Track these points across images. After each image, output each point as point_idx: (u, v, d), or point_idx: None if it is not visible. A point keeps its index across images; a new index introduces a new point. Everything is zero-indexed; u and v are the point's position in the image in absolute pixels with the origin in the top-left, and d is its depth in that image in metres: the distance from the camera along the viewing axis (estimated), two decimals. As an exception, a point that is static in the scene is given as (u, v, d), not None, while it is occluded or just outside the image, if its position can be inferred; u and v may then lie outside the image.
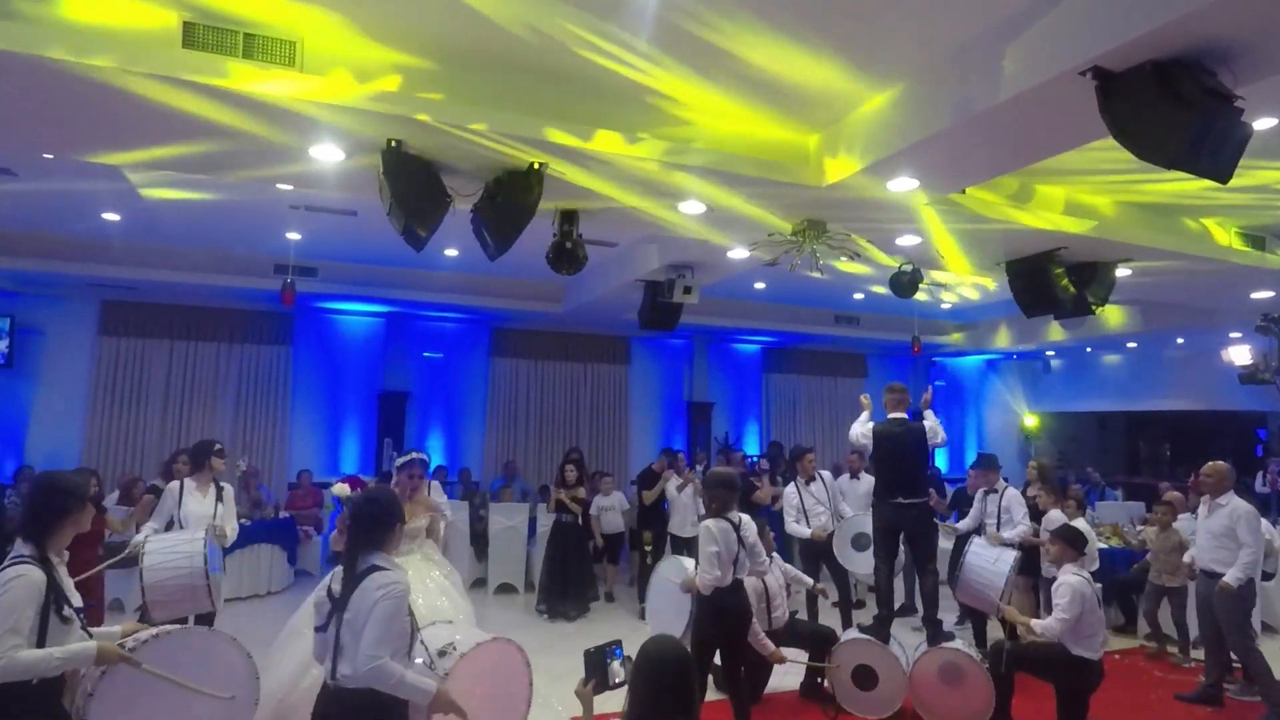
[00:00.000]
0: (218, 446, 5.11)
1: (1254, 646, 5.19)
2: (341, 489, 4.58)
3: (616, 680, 2.62)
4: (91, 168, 5.54)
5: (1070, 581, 4.45)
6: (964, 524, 6.50)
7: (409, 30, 3.84)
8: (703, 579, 4.12)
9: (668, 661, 2.32)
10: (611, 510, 8.25)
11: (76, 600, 2.64)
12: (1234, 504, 5.31)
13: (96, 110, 3.92)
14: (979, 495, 6.41)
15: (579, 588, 7.49)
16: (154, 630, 3.09)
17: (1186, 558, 5.83)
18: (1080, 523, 6.66)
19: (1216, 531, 5.30)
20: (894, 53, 3.98)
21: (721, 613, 4.11)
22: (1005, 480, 6.39)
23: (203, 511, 4.87)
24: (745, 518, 4.31)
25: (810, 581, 5.55)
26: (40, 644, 2.43)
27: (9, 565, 2.49)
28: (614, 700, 2.71)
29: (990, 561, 5.06)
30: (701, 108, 4.64)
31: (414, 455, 4.69)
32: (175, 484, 4.97)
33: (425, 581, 4.34)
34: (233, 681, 3.11)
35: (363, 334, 11.15)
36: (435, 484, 5.55)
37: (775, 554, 5.36)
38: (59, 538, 2.63)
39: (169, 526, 4.82)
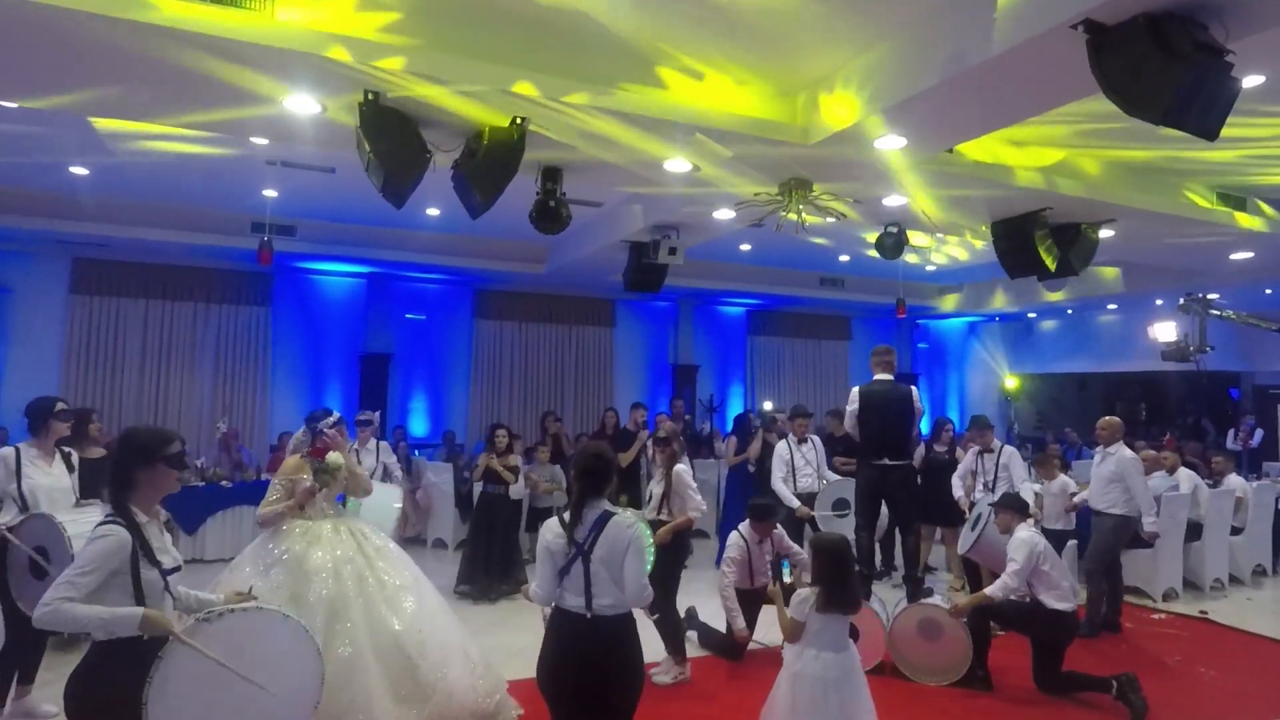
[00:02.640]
0: (60, 406, 4.17)
1: (1098, 573, 5.89)
2: (335, 459, 4.08)
3: (787, 580, 4.55)
4: (57, 117, 5.36)
5: (1021, 536, 4.63)
6: (954, 481, 6.59)
7: (385, -24, 3.71)
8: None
9: (833, 546, 3.44)
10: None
11: (171, 561, 2.51)
12: (1121, 453, 5.90)
13: (60, 55, 3.77)
14: (971, 454, 6.47)
15: (504, 567, 6.68)
16: (245, 604, 2.69)
17: (1077, 499, 6.33)
18: (1063, 480, 6.81)
19: (1106, 477, 5.89)
20: (884, 6, 3.90)
21: None
22: (999, 440, 6.47)
23: (52, 484, 4.06)
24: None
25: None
26: (139, 604, 2.34)
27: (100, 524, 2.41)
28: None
29: None
30: (688, 63, 4.54)
31: (339, 415, 4.42)
32: (8, 451, 4.02)
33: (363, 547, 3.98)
34: (289, 677, 2.64)
35: (343, 295, 11.00)
36: (384, 445, 5.42)
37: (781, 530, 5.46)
38: (139, 496, 2.49)
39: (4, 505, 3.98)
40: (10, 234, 8.30)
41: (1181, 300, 6.71)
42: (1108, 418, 6.19)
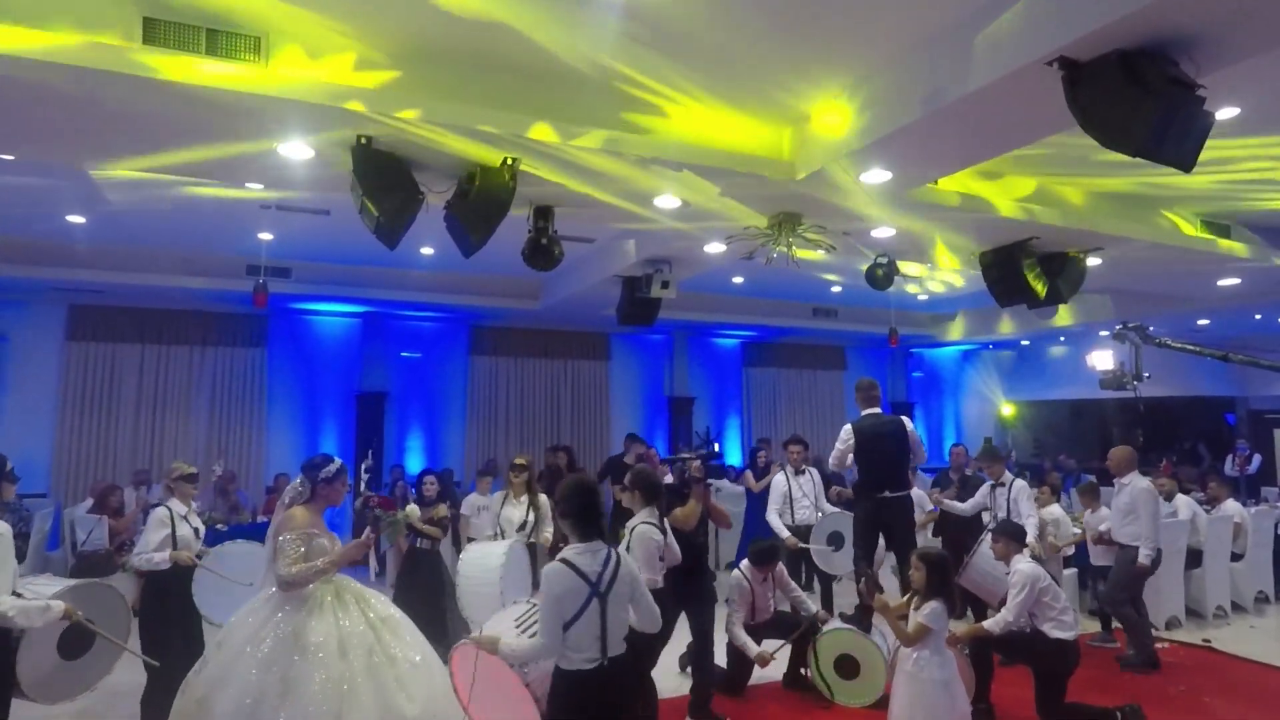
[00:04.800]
0: (8, 466, 3.67)
1: (1125, 604, 5.82)
2: (413, 510, 4.08)
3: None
4: (54, 168, 5.43)
5: (1022, 569, 4.60)
6: (965, 509, 6.52)
7: (376, 25, 3.80)
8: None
9: (942, 558, 3.88)
10: None
11: None
12: (1134, 483, 5.86)
13: (55, 109, 3.83)
14: (985, 488, 6.42)
15: (435, 633, 5.25)
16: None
17: (1103, 527, 6.21)
18: (1055, 509, 6.78)
19: (1123, 509, 5.87)
20: (864, 44, 4.00)
21: None
22: (1010, 473, 6.40)
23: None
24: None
25: (815, 609, 5.53)
26: None
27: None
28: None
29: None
30: (674, 101, 4.63)
31: (342, 463, 3.90)
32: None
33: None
34: None
35: (339, 335, 11.03)
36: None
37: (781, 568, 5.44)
38: None
39: None
40: (6, 282, 8.34)
41: (1117, 328, 6.73)
42: (1117, 448, 6.08)
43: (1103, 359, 7.42)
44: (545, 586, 2.77)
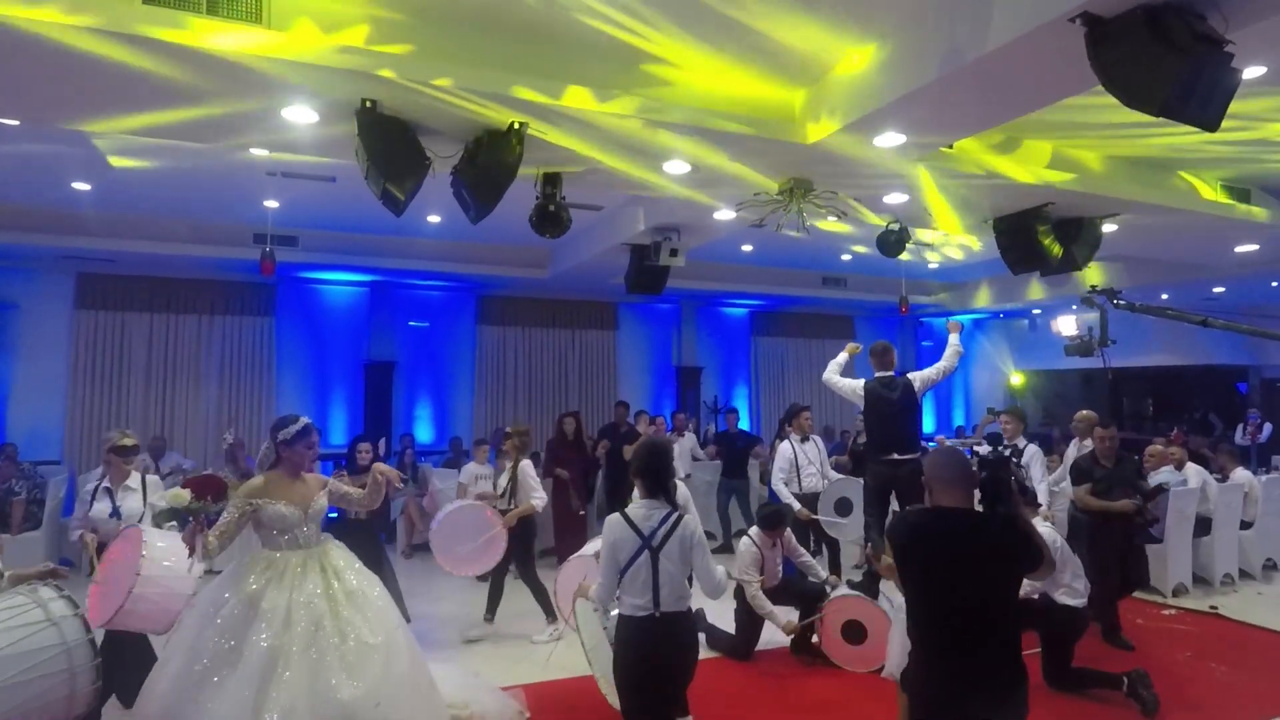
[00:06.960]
0: None
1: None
2: (177, 495, 3.42)
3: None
4: (57, 135, 5.39)
5: (1040, 532, 4.57)
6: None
7: (380, -16, 3.71)
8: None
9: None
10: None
11: None
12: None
13: (53, 71, 3.77)
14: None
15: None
16: None
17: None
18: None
19: None
20: (880, 3, 3.89)
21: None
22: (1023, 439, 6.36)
23: None
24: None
25: (823, 574, 5.56)
26: None
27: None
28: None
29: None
30: (684, 63, 4.53)
31: (307, 421, 3.71)
32: None
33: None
34: None
35: (346, 303, 11.03)
36: (153, 479, 4.69)
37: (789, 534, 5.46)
38: None
39: None
40: (15, 251, 8.34)
41: (1084, 294, 6.63)
42: (1080, 412, 6.52)
43: (1067, 325, 7.36)
44: (603, 534, 3.17)
